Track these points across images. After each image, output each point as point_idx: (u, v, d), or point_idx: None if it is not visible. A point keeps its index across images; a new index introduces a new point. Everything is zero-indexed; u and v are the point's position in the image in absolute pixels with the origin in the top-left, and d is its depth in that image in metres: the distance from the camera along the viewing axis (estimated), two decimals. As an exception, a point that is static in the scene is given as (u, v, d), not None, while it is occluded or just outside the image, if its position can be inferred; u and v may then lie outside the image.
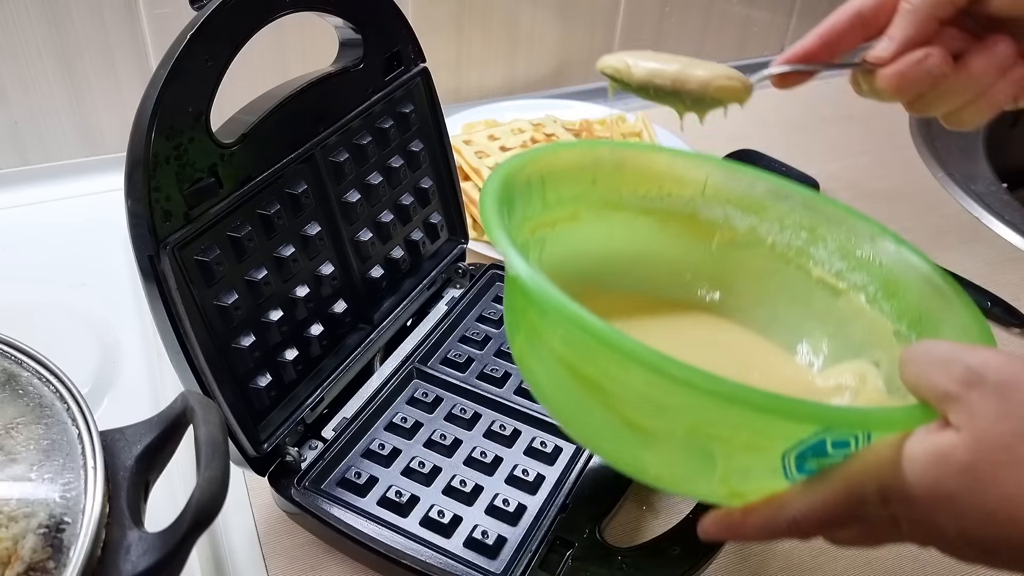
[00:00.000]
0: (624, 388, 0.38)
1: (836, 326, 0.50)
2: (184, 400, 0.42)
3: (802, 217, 0.51)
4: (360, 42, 0.57)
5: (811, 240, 0.51)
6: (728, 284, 0.53)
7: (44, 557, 0.35)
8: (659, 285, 0.53)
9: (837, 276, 0.50)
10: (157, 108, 0.44)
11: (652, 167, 0.52)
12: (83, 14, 0.78)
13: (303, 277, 0.55)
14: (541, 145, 0.49)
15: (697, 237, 0.53)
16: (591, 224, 0.51)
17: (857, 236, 0.49)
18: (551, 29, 1.00)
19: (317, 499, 0.52)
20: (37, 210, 0.81)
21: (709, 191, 0.52)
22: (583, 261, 0.52)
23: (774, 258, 0.52)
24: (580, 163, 0.50)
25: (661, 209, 0.52)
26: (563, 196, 0.50)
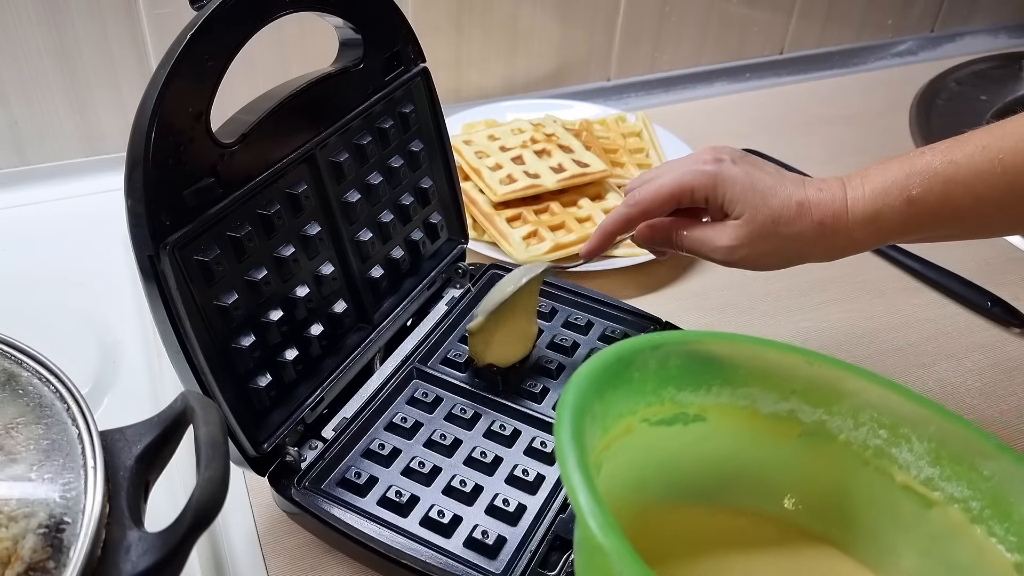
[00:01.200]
0: None
1: (931, 542, 0.44)
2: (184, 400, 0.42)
3: (880, 413, 0.45)
4: (360, 42, 0.57)
5: (892, 440, 0.45)
6: (804, 489, 0.48)
7: (44, 557, 0.35)
8: (734, 494, 0.48)
9: (927, 484, 0.44)
10: (157, 108, 0.44)
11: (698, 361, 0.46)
12: (83, 14, 0.78)
13: (303, 277, 0.55)
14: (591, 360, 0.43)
15: (760, 434, 0.48)
16: (645, 434, 0.46)
17: (952, 440, 0.44)
18: (551, 29, 1.00)
19: (317, 499, 0.52)
20: (37, 210, 0.81)
21: (771, 382, 0.47)
22: (643, 473, 0.47)
23: (849, 457, 0.46)
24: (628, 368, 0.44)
25: (716, 405, 0.47)
26: (617, 412, 0.44)
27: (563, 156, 0.85)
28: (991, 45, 1.20)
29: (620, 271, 0.76)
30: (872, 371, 0.46)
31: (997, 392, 0.69)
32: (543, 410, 0.59)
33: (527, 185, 0.81)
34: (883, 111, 1.04)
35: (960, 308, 0.77)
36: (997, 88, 1.07)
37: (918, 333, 0.74)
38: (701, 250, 0.56)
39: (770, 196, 0.53)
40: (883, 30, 1.18)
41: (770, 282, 0.77)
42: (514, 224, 0.79)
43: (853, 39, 1.17)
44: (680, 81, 1.09)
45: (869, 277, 0.80)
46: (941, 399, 0.68)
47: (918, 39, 1.20)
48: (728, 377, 0.47)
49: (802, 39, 1.14)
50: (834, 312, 0.76)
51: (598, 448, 0.43)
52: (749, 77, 1.11)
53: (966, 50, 1.18)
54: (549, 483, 0.54)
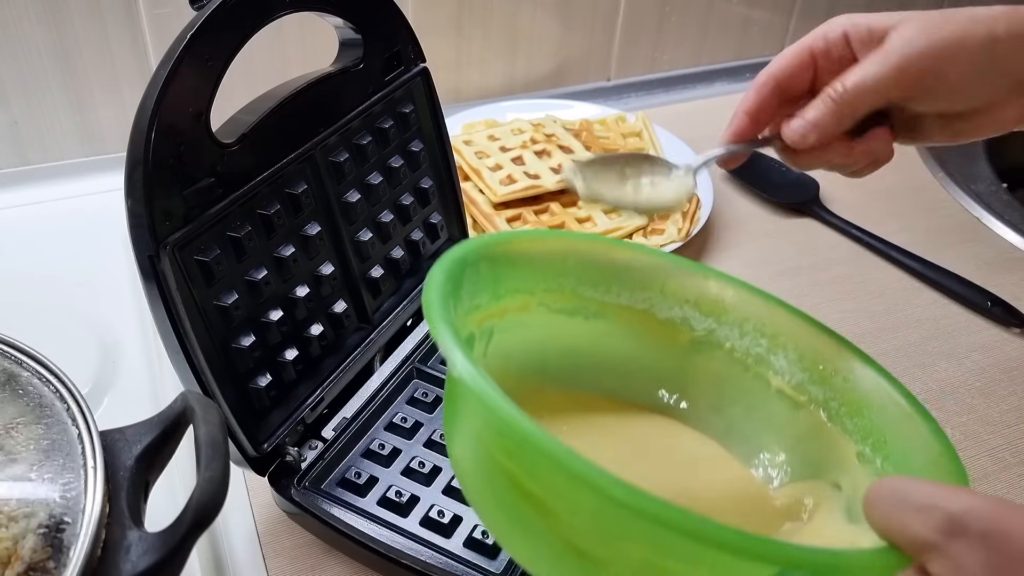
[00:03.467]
0: (572, 511, 0.35)
1: (795, 441, 0.48)
2: (184, 400, 0.42)
3: (764, 324, 0.49)
4: (360, 42, 0.57)
5: (772, 348, 0.49)
6: (686, 388, 0.51)
7: (44, 557, 0.35)
8: (615, 385, 0.51)
9: (797, 389, 0.48)
10: (157, 108, 0.44)
11: (610, 261, 0.50)
12: (83, 14, 0.78)
13: (303, 277, 0.55)
14: (493, 233, 0.47)
15: (654, 337, 0.51)
16: (543, 316, 0.49)
17: (820, 349, 0.48)
18: (551, 29, 1.00)
19: (317, 499, 0.52)
20: (37, 210, 0.81)
21: (668, 289, 0.50)
22: (532, 355, 0.49)
23: (732, 364, 0.50)
24: (534, 253, 0.48)
25: (617, 305, 0.50)
26: (515, 287, 0.47)
27: (563, 156, 0.85)
28: (991, 45, 1.20)
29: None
30: (757, 287, 0.50)
31: (997, 392, 0.69)
32: (543, 410, 0.59)
33: (527, 186, 0.81)
34: (883, 111, 1.04)
35: (960, 308, 0.77)
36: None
37: (918, 333, 0.74)
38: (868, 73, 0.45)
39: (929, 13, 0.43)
40: (883, 30, 1.18)
41: (771, 282, 0.77)
42: (514, 224, 0.79)
43: (853, 39, 1.17)
44: (680, 81, 1.09)
45: (869, 277, 0.80)
46: (941, 399, 0.68)
47: (918, 39, 1.20)
48: (626, 281, 0.50)
49: (802, 39, 1.14)
50: (834, 312, 0.76)
51: (486, 311, 0.46)
52: (749, 77, 1.11)
53: (966, 50, 1.18)
54: (549, 483, 0.54)
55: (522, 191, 0.80)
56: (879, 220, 0.85)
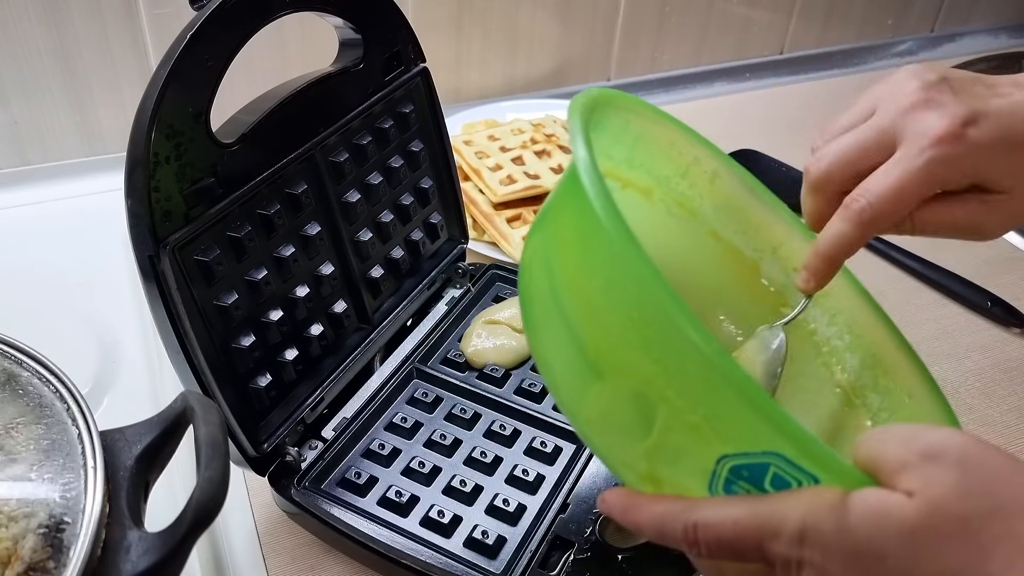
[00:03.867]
0: (613, 309, 0.35)
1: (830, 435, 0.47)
2: (184, 400, 0.42)
3: (854, 321, 0.49)
4: (360, 42, 0.57)
5: (851, 346, 0.49)
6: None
7: (44, 557, 0.35)
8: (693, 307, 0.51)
9: (857, 391, 0.48)
10: (157, 108, 0.44)
11: (743, 199, 0.49)
12: (83, 14, 0.78)
13: (303, 277, 0.55)
14: (651, 105, 0.45)
15: (749, 286, 0.50)
16: (659, 211, 0.48)
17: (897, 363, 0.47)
18: (551, 29, 1.00)
19: (317, 499, 0.52)
20: (37, 210, 0.81)
21: (783, 251, 0.49)
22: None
23: (808, 344, 0.49)
24: (680, 147, 0.47)
25: (730, 241, 0.49)
26: (649, 165, 0.46)
27: (563, 156, 0.85)
28: (991, 45, 1.20)
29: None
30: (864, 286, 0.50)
31: (997, 392, 0.69)
32: (543, 410, 0.59)
33: (527, 186, 0.81)
34: (883, 111, 1.04)
35: (960, 308, 0.77)
36: (997, 88, 1.06)
37: (918, 333, 0.73)
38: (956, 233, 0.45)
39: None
40: (883, 30, 1.18)
41: (770, 282, 0.77)
42: (514, 224, 0.79)
43: (853, 39, 1.17)
44: (680, 81, 1.09)
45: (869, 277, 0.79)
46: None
47: (918, 39, 1.20)
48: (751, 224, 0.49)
49: (802, 39, 1.14)
50: (834, 312, 0.75)
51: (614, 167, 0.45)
52: (749, 77, 1.11)
53: (966, 50, 1.18)
54: (549, 483, 0.54)
55: (522, 191, 0.80)
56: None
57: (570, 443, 0.57)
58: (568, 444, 0.57)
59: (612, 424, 0.38)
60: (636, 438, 0.36)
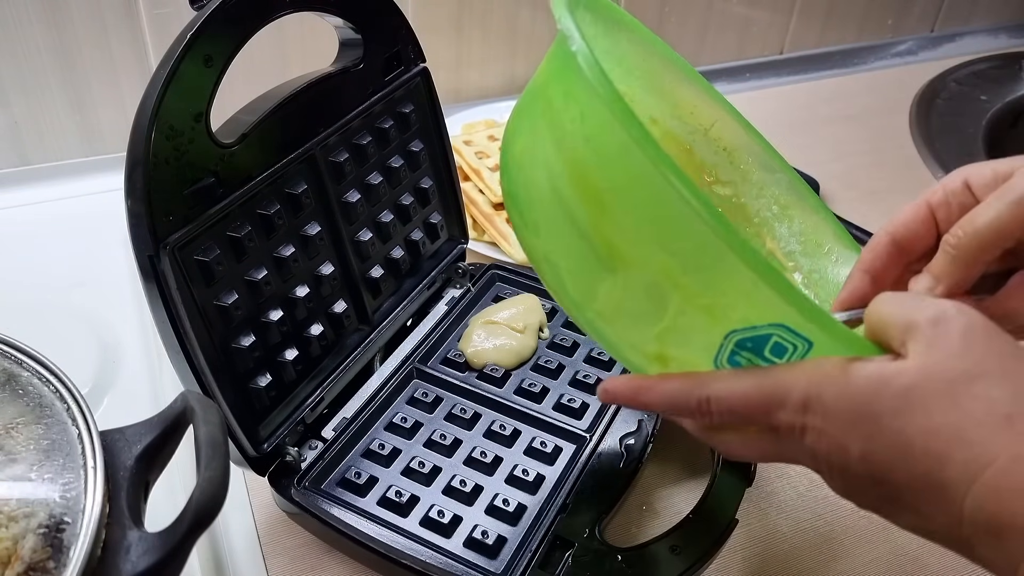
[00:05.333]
0: (628, 206, 0.36)
1: None
2: (184, 400, 0.42)
3: (780, 193, 0.52)
4: (360, 42, 0.57)
5: (780, 216, 0.52)
6: None
7: (44, 557, 0.35)
8: None
9: (788, 255, 0.51)
10: (157, 108, 0.44)
11: (679, 84, 0.52)
12: (83, 14, 0.78)
13: (303, 277, 0.55)
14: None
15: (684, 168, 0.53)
16: None
17: (823, 232, 0.51)
18: (551, 29, 0.99)
19: (317, 499, 0.52)
20: (37, 210, 0.81)
21: (714, 131, 0.52)
22: None
23: (740, 218, 0.52)
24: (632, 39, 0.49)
25: (666, 126, 0.52)
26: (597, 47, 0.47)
27: (563, 156, 0.85)
28: (991, 45, 1.20)
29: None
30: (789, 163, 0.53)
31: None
32: (543, 410, 0.59)
33: (527, 185, 0.81)
34: (883, 111, 1.04)
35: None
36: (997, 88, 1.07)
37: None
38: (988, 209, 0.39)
39: None
40: (883, 30, 1.18)
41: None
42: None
43: (853, 39, 1.17)
44: (680, 81, 1.09)
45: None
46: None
47: (918, 39, 1.20)
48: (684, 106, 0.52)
49: (802, 39, 1.14)
50: (834, 312, 0.75)
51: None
52: (749, 77, 1.11)
53: (966, 50, 1.18)
54: (549, 483, 0.54)
55: (522, 191, 0.80)
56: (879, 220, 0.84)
57: (570, 443, 0.57)
58: (568, 444, 0.57)
59: (624, 314, 0.39)
60: (649, 323, 0.37)
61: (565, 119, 0.37)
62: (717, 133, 0.52)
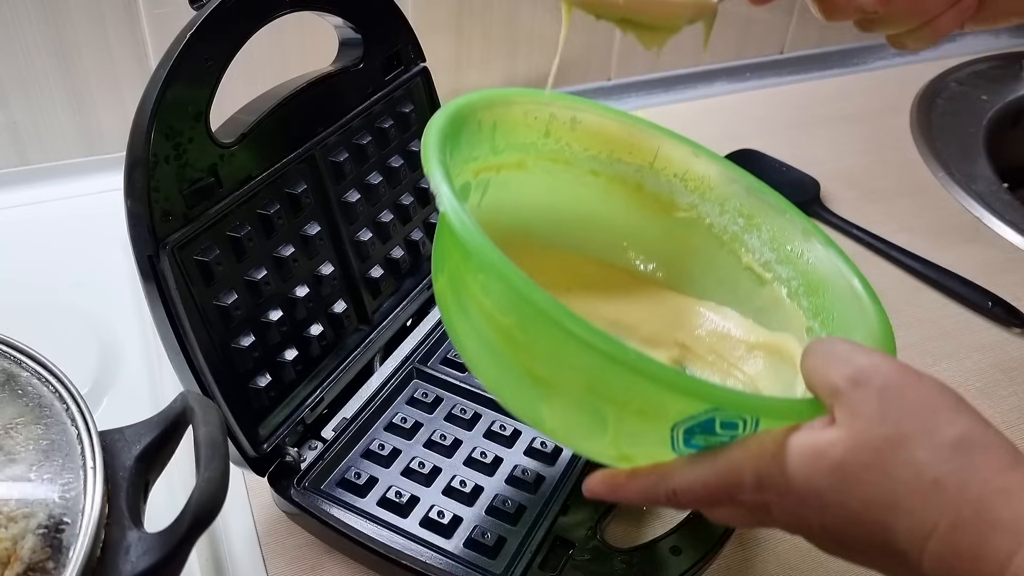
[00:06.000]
0: (532, 340, 0.39)
1: (755, 312, 0.52)
2: (183, 400, 0.42)
3: (743, 204, 0.52)
4: (360, 42, 0.57)
5: (747, 227, 0.52)
6: (663, 257, 0.55)
7: (43, 557, 0.35)
8: (598, 248, 0.55)
9: (765, 266, 0.52)
10: (157, 108, 0.44)
11: (606, 130, 0.53)
12: (83, 14, 0.78)
13: (303, 277, 0.55)
14: (496, 89, 0.50)
15: (640, 207, 0.54)
16: (537, 176, 0.52)
17: (790, 231, 0.51)
18: (551, 28, 0.99)
19: (317, 499, 0.52)
20: (36, 210, 0.81)
21: (659, 163, 0.53)
22: (525, 212, 0.52)
23: (710, 239, 0.53)
24: (534, 113, 0.51)
25: (610, 173, 0.53)
26: (513, 143, 0.50)
27: (563, 156, 0.85)
28: (992, 45, 1.20)
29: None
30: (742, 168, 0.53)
31: (998, 392, 0.69)
32: (543, 410, 0.59)
33: (527, 185, 0.81)
34: (884, 111, 1.04)
35: (961, 308, 0.77)
36: (998, 88, 1.06)
37: (918, 333, 0.74)
38: None
39: None
40: (883, 30, 1.18)
41: (770, 282, 0.77)
42: (514, 224, 0.79)
43: (854, 39, 1.17)
44: (680, 81, 1.09)
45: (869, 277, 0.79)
46: (942, 399, 0.68)
47: (918, 39, 1.20)
48: (623, 149, 0.53)
49: (803, 39, 1.14)
50: (834, 312, 0.75)
51: (483, 163, 0.48)
52: (749, 77, 1.11)
53: (966, 50, 1.18)
54: (549, 483, 0.54)
55: (522, 191, 0.80)
56: (879, 220, 0.85)
57: (570, 443, 0.57)
58: (568, 444, 0.57)
59: (573, 430, 0.42)
60: (598, 434, 0.39)
61: (464, 269, 0.41)
62: (662, 163, 0.53)
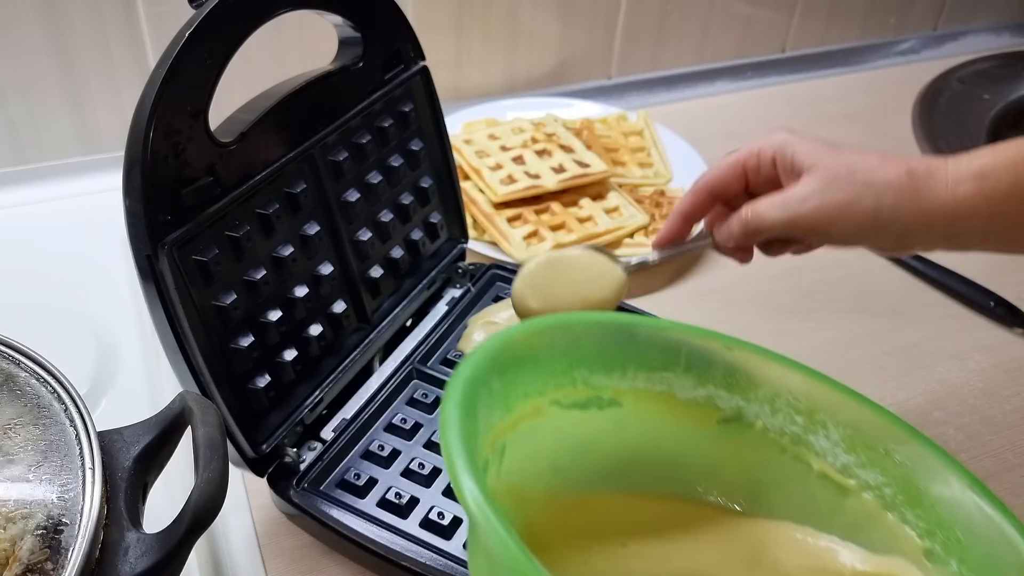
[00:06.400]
0: None
1: (848, 530, 0.44)
2: (182, 401, 0.41)
3: (796, 399, 0.45)
4: (360, 40, 0.57)
5: (808, 427, 0.45)
6: (715, 475, 0.47)
7: (42, 558, 0.35)
8: (641, 481, 0.47)
9: (843, 472, 0.44)
10: (155, 107, 0.44)
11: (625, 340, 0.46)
12: (82, 13, 0.78)
13: (302, 277, 0.55)
14: (497, 337, 0.42)
15: (676, 421, 0.47)
16: (555, 417, 0.44)
17: (865, 427, 0.44)
18: (551, 27, 0.99)
19: (316, 500, 0.52)
20: (35, 210, 0.81)
21: (689, 365, 0.46)
22: (545, 461, 0.45)
23: (766, 445, 0.46)
24: (541, 348, 0.43)
25: (634, 390, 0.46)
26: (525, 391, 0.43)
27: (564, 156, 0.84)
28: (994, 44, 1.20)
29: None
30: (788, 357, 0.47)
31: (1000, 393, 0.69)
32: (544, 410, 0.58)
33: (528, 186, 0.81)
34: (886, 110, 1.04)
35: (963, 308, 0.76)
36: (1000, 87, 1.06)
37: (920, 333, 0.74)
38: (768, 214, 0.49)
39: (846, 151, 0.49)
40: (886, 28, 1.18)
41: (772, 282, 0.77)
42: (514, 224, 0.79)
43: (856, 37, 1.17)
44: (682, 79, 1.08)
45: (871, 277, 0.80)
46: (943, 399, 0.68)
47: (921, 37, 1.20)
48: (643, 361, 0.46)
49: (804, 37, 1.13)
50: (836, 312, 0.75)
51: (499, 428, 0.41)
52: (751, 75, 1.11)
53: (969, 49, 1.18)
54: (550, 484, 0.54)
55: (522, 191, 0.80)
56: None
57: (571, 444, 0.56)
58: (569, 445, 0.56)
59: None
60: None
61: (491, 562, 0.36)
62: (692, 363, 0.47)
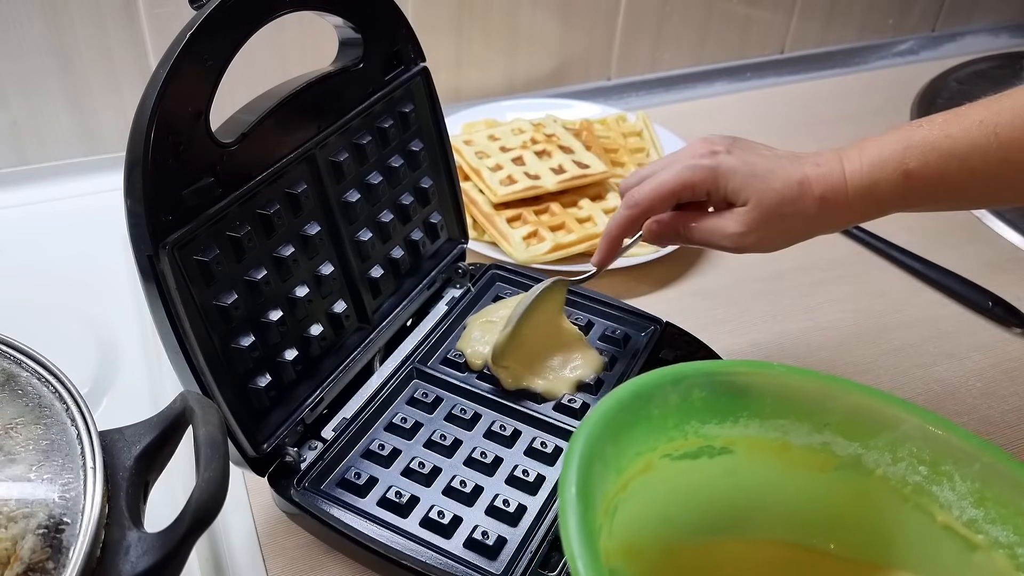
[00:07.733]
0: None
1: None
2: (183, 400, 0.42)
3: (919, 448, 0.43)
4: (360, 41, 0.57)
5: (932, 478, 0.43)
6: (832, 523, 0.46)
7: (43, 557, 0.35)
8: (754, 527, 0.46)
9: (970, 526, 0.42)
10: (156, 108, 0.44)
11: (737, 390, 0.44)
12: (83, 14, 0.78)
13: (303, 277, 0.55)
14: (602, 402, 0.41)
15: (791, 467, 0.46)
16: (666, 469, 0.44)
17: (994, 479, 0.41)
18: (551, 28, 0.99)
19: (317, 500, 0.52)
20: (36, 210, 0.81)
21: (804, 412, 0.45)
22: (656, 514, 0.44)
23: (887, 493, 0.44)
24: (653, 407, 0.43)
25: (746, 437, 0.45)
26: (636, 451, 0.43)
27: (563, 157, 0.84)
28: (992, 45, 1.20)
29: (620, 270, 0.76)
30: (914, 403, 0.45)
31: (998, 392, 0.69)
32: (543, 410, 0.58)
33: (527, 186, 0.81)
34: (884, 111, 1.04)
35: (961, 308, 0.77)
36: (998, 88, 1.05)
37: (919, 333, 0.74)
38: (711, 240, 0.56)
39: (771, 179, 0.53)
40: (884, 29, 1.18)
41: (772, 281, 0.77)
42: (514, 224, 0.79)
43: (854, 38, 1.17)
44: (681, 80, 1.09)
45: (870, 277, 0.80)
46: (942, 399, 0.68)
47: (919, 38, 1.20)
48: (756, 408, 0.45)
49: (803, 38, 1.14)
50: (835, 311, 0.75)
51: (611, 493, 0.41)
52: (750, 76, 1.11)
53: (967, 50, 1.18)
54: (549, 484, 0.54)
55: (522, 191, 0.80)
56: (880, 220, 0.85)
57: (570, 443, 0.57)
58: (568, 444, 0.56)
59: None
60: None
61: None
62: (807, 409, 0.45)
